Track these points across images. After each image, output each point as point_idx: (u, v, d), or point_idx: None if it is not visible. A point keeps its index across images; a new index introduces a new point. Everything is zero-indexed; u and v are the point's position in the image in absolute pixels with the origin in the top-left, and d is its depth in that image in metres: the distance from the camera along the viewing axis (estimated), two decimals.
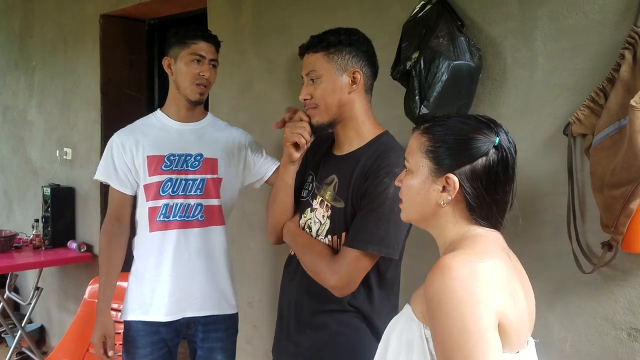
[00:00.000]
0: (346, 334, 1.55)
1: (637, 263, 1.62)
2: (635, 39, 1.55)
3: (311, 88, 1.56)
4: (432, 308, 0.97)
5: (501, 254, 1.05)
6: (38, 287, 3.78)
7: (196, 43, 1.95)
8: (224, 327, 2.09)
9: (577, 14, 1.71)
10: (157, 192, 1.98)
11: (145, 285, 2.01)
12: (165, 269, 1.99)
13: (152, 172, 1.99)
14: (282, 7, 2.60)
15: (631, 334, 1.64)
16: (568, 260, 1.70)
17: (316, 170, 1.68)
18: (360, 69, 1.55)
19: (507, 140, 1.08)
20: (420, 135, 1.13)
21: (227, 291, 2.10)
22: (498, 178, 1.06)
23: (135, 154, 2.00)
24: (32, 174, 4.44)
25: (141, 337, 1.99)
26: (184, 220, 2.00)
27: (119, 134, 2.05)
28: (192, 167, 2.01)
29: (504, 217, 1.11)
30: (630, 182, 1.47)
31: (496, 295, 0.96)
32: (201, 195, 2.01)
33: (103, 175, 2.04)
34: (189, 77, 1.97)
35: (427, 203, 1.10)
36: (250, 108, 2.77)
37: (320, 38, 1.54)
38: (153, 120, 2.08)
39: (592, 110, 1.66)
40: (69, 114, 4.02)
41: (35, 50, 4.37)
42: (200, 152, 2.03)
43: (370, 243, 1.44)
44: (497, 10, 1.87)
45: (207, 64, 1.97)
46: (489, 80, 1.89)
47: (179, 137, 2.03)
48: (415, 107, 1.79)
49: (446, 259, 0.99)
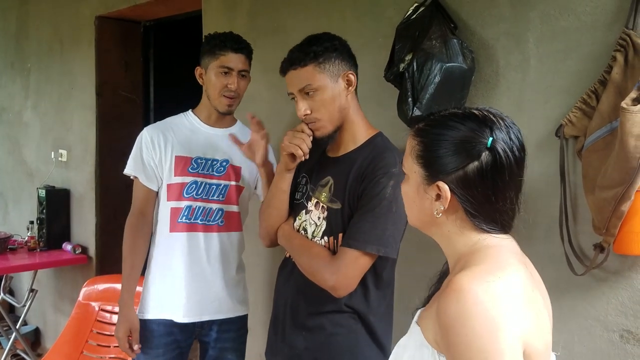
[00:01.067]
0: (342, 335, 1.55)
1: (628, 265, 1.62)
2: (627, 41, 1.56)
3: (309, 102, 1.53)
4: (448, 337, 0.88)
5: (517, 266, 0.95)
6: (33, 289, 3.77)
7: (225, 54, 1.95)
8: (236, 327, 2.11)
9: (569, 16, 1.72)
10: (180, 193, 1.99)
11: (163, 285, 2.02)
12: (184, 271, 1.99)
13: (179, 173, 1.99)
14: (277, 9, 2.60)
15: (623, 336, 1.65)
16: (560, 262, 1.70)
17: (310, 173, 1.68)
18: (351, 70, 1.56)
19: (507, 138, 0.96)
20: (412, 138, 1.05)
21: (241, 293, 2.13)
22: (495, 184, 0.95)
23: (164, 151, 2.00)
24: (28, 175, 4.43)
25: (155, 337, 1.99)
26: (205, 223, 2.01)
27: (149, 130, 2.05)
28: (217, 173, 2.03)
29: (512, 222, 1.01)
30: (621, 184, 1.47)
31: (519, 319, 0.87)
32: (223, 201, 2.03)
33: (133, 170, 2.03)
34: (218, 89, 1.97)
35: (423, 212, 1.03)
36: (245, 109, 2.77)
37: (305, 51, 1.52)
38: (184, 120, 2.08)
39: (584, 112, 1.66)
40: (64, 115, 4.02)
41: (30, 52, 4.37)
42: (227, 159, 2.05)
43: (368, 243, 1.45)
44: (490, 12, 1.88)
45: (236, 76, 1.97)
46: (481, 82, 1.89)
47: (208, 141, 2.05)
48: (408, 108, 1.79)
49: (460, 281, 0.88)
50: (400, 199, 1.45)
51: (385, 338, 1.60)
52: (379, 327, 1.58)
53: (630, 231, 1.52)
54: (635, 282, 1.62)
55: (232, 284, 2.08)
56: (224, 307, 2.05)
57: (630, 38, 1.55)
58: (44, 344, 4.31)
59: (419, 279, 2.13)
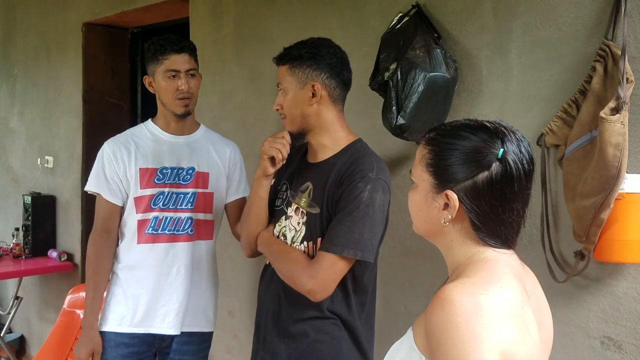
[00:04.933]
0: (325, 342, 1.55)
1: (608, 272, 1.64)
2: (606, 52, 1.58)
3: (281, 98, 1.61)
4: (432, 344, 0.89)
5: (511, 281, 0.94)
6: (18, 297, 3.74)
7: (167, 58, 1.91)
8: (198, 341, 2.06)
9: (551, 27, 1.75)
10: (148, 205, 1.95)
11: (127, 296, 1.97)
12: (149, 282, 1.96)
13: (145, 185, 1.95)
14: (263, 17, 2.61)
15: (604, 342, 1.66)
16: (542, 269, 1.72)
17: (290, 179, 1.69)
18: (322, 82, 1.57)
19: (517, 150, 0.96)
20: (422, 147, 1.04)
21: (209, 308, 2.08)
22: (503, 195, 0.95)
23: (128, 164, 1.96)
24: (13, 182, 4.40)
25: (114, 348, 1.95)
26: (173, 233, 1.97)
27: (110, 144, 2.00)
28: (184, 181, 1.99)
29: (517, 236, 1.01)
30: (600, 192, 1.49)
31: (501, 333, 0.87)
32: (192, 209, 1.99)
33: (95, 186, 1.98)
34: (170, 93, 1.94)
35: (430, 220, 1.03)
36: (232, 117, 2.78)
37: (287, 51, 1.60)
38: (145, 131, 2.04)
39: (564, 121, 1.69)
40: (50, 122, 4.00)
41: (17, 58, 4.35)
42: (192, 166, 2.01)
43: (345, 247, 1.45)
44: (473, 22, 1.90)
45: (184, 77, 1.93)
46: (464, 91, 1.92)
47: (172, 149, 2.01)
48: (392, 117, 1.80)
49: (447, 290, 0.89)
50: (376, 202, 1.47)
51: (367, 344, 1.60)
52: (361, 333, 1.58)
53: (610, 239, 1.54)
54: (616, 289, 1.64)
55: (200, 295, 2.03)
56: (187, 319, 2.00)
57: (609, 49, 1.58)
58: (29, 351, 4.26)
59: (403, 286, 2.15)
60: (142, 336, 1.97)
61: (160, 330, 1.97)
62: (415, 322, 1.03)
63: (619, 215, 1.52)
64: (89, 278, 1.97)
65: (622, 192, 1.50)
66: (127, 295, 1.97)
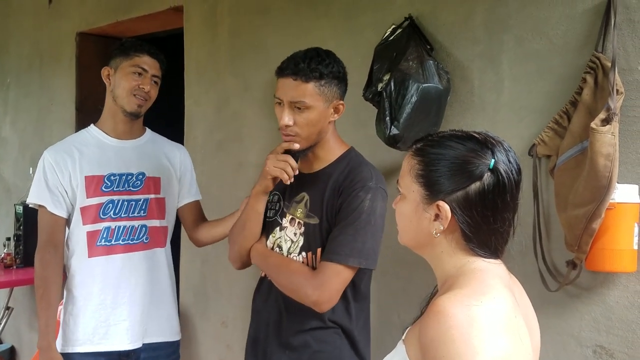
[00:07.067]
0: (326, 352, 1.55)
1: (600, 281, 1.66)
2: (597, 64, 1.61)
3: (295, 116, 1.52)
4: (427, 358, 0.90)
5: (502, 292, 0.94)
6: (9, 307, 3.71)
7: (139, 56, 1.89)
8: (165, 353, 2.02)
9: (542, 39, 1.77)
10: (96, 214, 1.88)
11: (86, 315, 1.90)
12: (109, 297, 1.89)
13: (91, 194, 1.88)
14: (258, 28, 2.63)
15: (596, 351, 1.67)
16: (534, 278, 1.73)
17: (283, 190, 1.68)
18: (342, 100, 1.58)
19: (506, 161, 0.98)
20: (411, 158, 1.04)
21: (172, 316, 2.04)
22: (495, 205, 0.96)
23: (72, 173, 1.87)
24: (5, 191, 4.38)
25: None
26: (128, 243, 1.91)
27: (50, 152, 1.90)
28: (135, 187, 1.93)
29: (505, 246, 1.02)
30: (592, 202, 1.51)
31: (496, 344, 0.86)
32: (145, 216, 1.93)
33: (37, 198, 1.88)
34: (128, 88, 1.88)
35: (420, 231, 1.02)
36: (226, 126, 2.79)
37: (311, 67, 1.49)
38: (87, 137, 1.96)
39: (556, 132, 1.71)
40: (43, 131, 3.99)
41: (10, 67, 4.34)
42: (142, 171, 1.95)
43: (350, 256, 1.46)
44: (465, 34, 1.92)
45: (149, 79, 1.90)
46: (457, 102, 1.93)
47: (119, 155, 1.94)
48: (385, 127, 1.82)
49: (442, 303, 0.89)
50: (377, 211, 1.48)
51: (365, 350, 1.61)
52: (360, 340, 1.59)
53: (602, 248, 1.56)
54: (608, 298, 1.65)
55: (162, 304, 1.99)
56: (151, 330, 1.96)
57: (599, 61, 1.60)
58: None
59: (396, 294, 2.15)
60: (107, 354, 1.90)
61: (124, 346, 1.91)
62: (407, 334, 1.02)
63: (610, 225, 1.54)
64: (40, 298, 1.87)
65: (613, 202, 1.52)
66: (86, 314, 1.90)
